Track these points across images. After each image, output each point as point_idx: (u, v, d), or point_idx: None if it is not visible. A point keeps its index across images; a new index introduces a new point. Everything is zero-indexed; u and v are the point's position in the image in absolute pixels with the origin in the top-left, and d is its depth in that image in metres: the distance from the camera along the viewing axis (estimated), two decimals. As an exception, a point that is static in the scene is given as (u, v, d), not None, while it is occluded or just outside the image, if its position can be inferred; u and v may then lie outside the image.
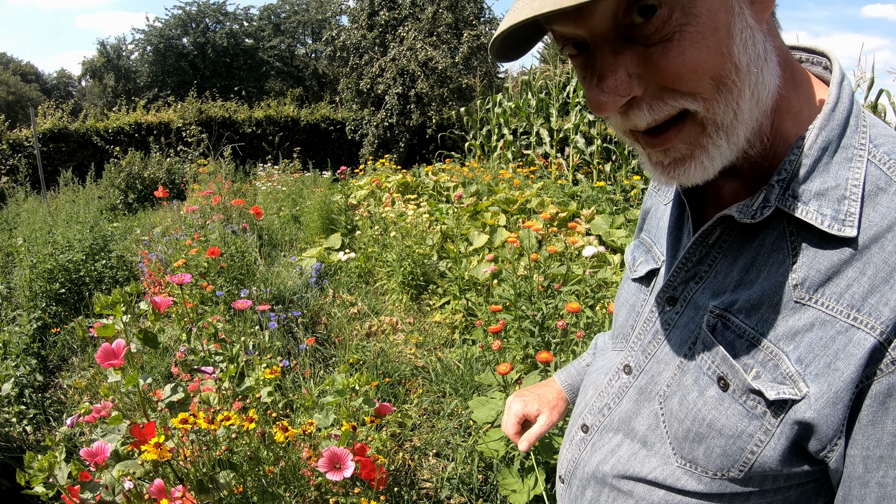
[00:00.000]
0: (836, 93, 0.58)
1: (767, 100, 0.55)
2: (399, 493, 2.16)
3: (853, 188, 0.56)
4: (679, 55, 0.49)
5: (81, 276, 4.51)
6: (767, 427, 0.57)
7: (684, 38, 0.49)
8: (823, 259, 0.56)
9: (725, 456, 0.60)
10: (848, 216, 0.55)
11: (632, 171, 7.75)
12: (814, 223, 0.56)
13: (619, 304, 0.82)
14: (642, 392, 0.70)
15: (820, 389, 0.54)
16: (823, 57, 0.64)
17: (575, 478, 0.77)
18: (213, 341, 1.95)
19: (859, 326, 0.53)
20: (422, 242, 4.49)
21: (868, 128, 0.59)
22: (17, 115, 27.88)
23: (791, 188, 0.57)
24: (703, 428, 0.61)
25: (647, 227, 0.82)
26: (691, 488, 0.64)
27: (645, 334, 0.72)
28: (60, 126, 11.48)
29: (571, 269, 3.14)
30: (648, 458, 0.68)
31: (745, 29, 0.51)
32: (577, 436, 0.78)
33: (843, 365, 0.54)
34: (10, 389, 2.87)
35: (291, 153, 11.31)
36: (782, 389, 0.56)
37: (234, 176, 8.86)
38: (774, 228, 0.59)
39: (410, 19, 12.49)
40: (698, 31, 0.49)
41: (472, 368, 2.95)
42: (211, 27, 25.45)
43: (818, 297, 0.56)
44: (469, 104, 12.18)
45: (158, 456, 1.20)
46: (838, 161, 0.57)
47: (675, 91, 0.51)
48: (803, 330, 0.56)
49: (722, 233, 0.63)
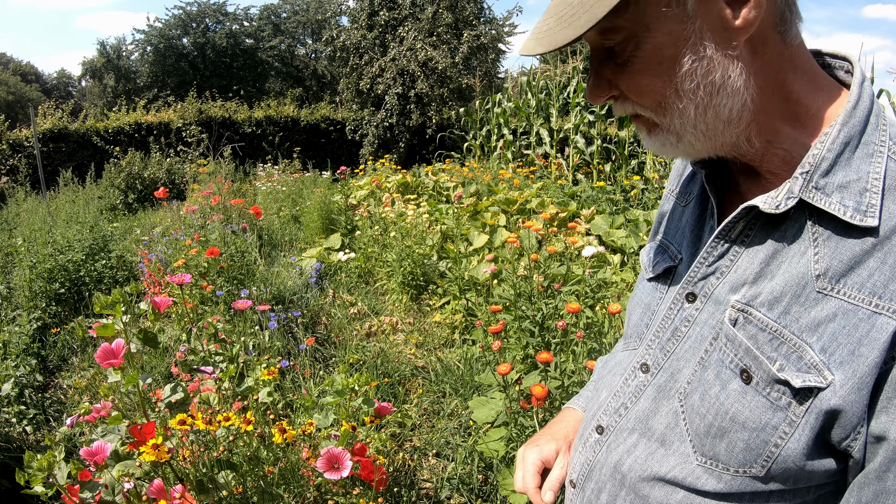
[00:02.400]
0: (858, 92, 0.61)
1: (735, 114, 0.61)
2: (399, 494, 2.16)
3: (874, 181, 0.58)
4: (629, 77, 0.62)
5: (81, 276, 4.51)
6: (792, 419, 0.58)
7: (634, 65, 0.61)
8: (845, 249, 0.57)
9: (748, 450, 0.60)
10: (870, 207, 0.57)
11: (632, 171, 7.75)
12: (836, 213, 0.58)
13: (632, 305, 0.82)
14: (661, 390, 0.70)
15: (845, 376, 0.55)
16: (846, 61, 0.67)
17: (590, 481, 0.75)
18: (213, 341, 1.95)
19: (882, 312, 0.55)
20: (422, 242, 4.49)
21: (889, 126, 0.61)
22: (17, 115, 27.87)
23: (814, 180, 0.60)
24: (726, 422, 0.62)
25: (665, 230, 0.82)
26: (710, 488, 0.64)
27: (663, 332, 0.71)
28: (60, 126, 11.47)
29: (571, 269, 3.14)
30: (667, 457, 0.67)
31: (698, 60, 0.59)
32: (592, 437, 0.77)
33: (866, 350, 0.55)
34: (10, 389, 2.87)
35: (291, 153, 11.31)
36: (808, 378, 0.57)
37: (233, 176, 8.86)
38: (796, 220, 0.61)
39: (410, 19, 12.49)
40: (644, 62, 0.60)
41: (472, 368, 2.95)
42: (211, 27, 25.45)
43: (840, 288, 0.57)
44: (469, 104, 12.17)
45: (157, 457, 1.20)
46: (860, 156, 0.59)
47: (632, 101, 0.64)
48: (826, 320, 0.57)
49: (745, 227, 0.65)
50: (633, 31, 0.59)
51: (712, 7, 0.57)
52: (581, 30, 0.56)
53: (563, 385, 2.12)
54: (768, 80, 0.61)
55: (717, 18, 0.57)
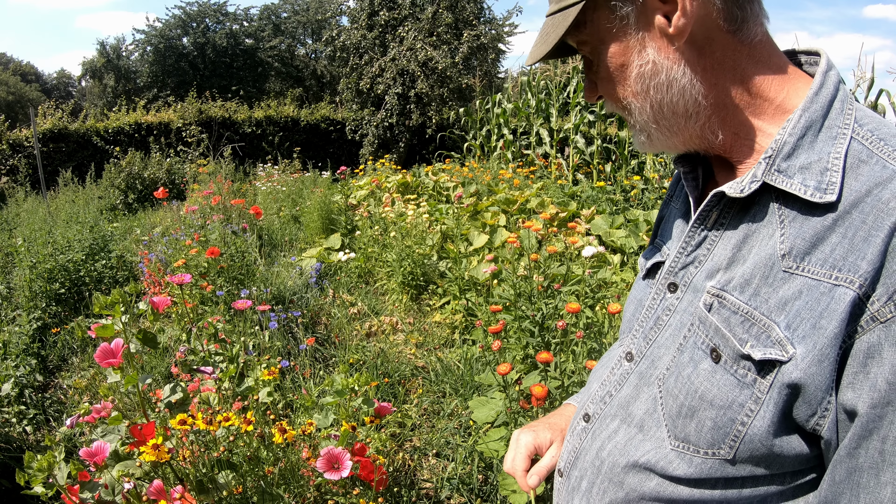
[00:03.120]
0: (820, 80, 0.64)
1: (691, 108, 0.66)
2: (399, 494, 2.16)
3: (835, 160, 0.60)
4: (601, 82, 0.72)
5: (81, 276, 4.51)
6: (757, 395, 0.59)
7: (601, 72, 0.71)
8: (808, 227, 0.59)
9: (716, 429, 0.62)
10: (829, 185, 0.59)
11: (632, 171, 7.74)
12: (798, 193, 0.60)
13: (627, 303, 0.84)
14: (642, 377, 0.72)
15: (806, 349, 0.57)
16: (818, 55, 0.70)
17: (575, 468, 0.77)
18: (212, 341, 1.95)
19: (840, 283, 0.56)
20: (422, 242, 4.49)
21: (854, 111, 0.63)
22: (17, 115, 27.87)
23: (776, 164, 0.62)
24: (696, 400, 0.63)
25: (661, 233, 0.85)
26: (682, 473, 0.65)
27: (647, 321, 0.74)
28: (60, 126, 11.47)
29: (571, 269, 3.14)
30: (643, 442, 0.69)
31: (644, 65, 0.66)
32: (579, 426, 0.79)
33: (825, 322, 0.56)
34: (10, 389, 2.87)
35: (291, 153, 11.31)
36: (769, 351, 0.58)
37: (233, 176, 8.86)
38: (764, 205, 0.63)
39: (410, 19, 12.49)
40: (605, 69, 0.70)
41: (472, 368, 2.95)
42: (211, 27, 25.45)
43: (805, 265, 0.59)
44: (469, 104, 12.17)
45: (157, 457, 1.20)
46: (823, 139, 0.62)
47: (610, 102, 0.74)
48: (792, 298, 0.59)
49: (719, 215, 0.68)
50: (594, 44, 0.70)
51: (651, 18, 0.65)
52: (550, 45, 0.69)
53: (563, 385, 2.12)
54: (723, 76, 0.66)
55: (656, 28, 0.65)
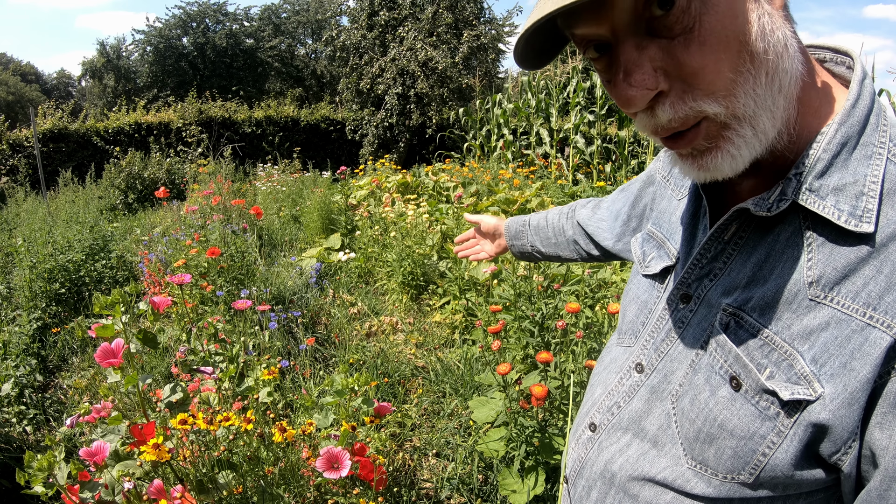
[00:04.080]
0: (857, 90, 0.58)
1: (791, 87, 0.54)
2: (399, 494, 2.16)
3: (871, 185, 0.54)
4: (700, 47, 0.49)
5: (81, 277, 4.51)
6: (780, 429, 0.56)
7: (704, 28, 0.49)
8: (840, 256, 0.55)
9: (736, 458, 0.59)
10: (865, 212, 0.54)
11: (632, 171, 7.74)
12: (830, 218, 0.55)
13: (627, 300, 0.80)
14: (654, 391, 0.69)
15: (835, 390, 0.53)
16: (847, 56, 0.63)
17: (581, 477, 0.75)
18: (213, 341, 1.95)
19: (875, 325, 0.52)
20: (422, 242, 4.49)
21: (889, 127, 0.57)
22: (17, 115, 27.88)
23: (809, 182, 0.56)
24: (715, 428, 0.60)
25: (658, 221, 0.80)
26: (700, 492, 0.62)
27: (658, 332, 0.70)
28: (60, 126, 11.47)
29: (571, 268, 3.14)
30: (658, 458, 0.66)
31: (764, 15, 0.50)
32: (585, 435, 0.77)
33: (858, 365, 0.52)
34: (10, 389, 2.87)
35: (291, 153, 11.31)
36: (797, 390, 0.54)
37: (233, 176, 8.85)
38: (790, 224, 0.58)
39: (410, 19, 12.49)
40: (717, 21, 0.49)
41: (472, 368, 2.95)
42: (211, 27, 25.45)
43: (834, 296, 0.54)
44: (469, 104, 12.18)
45: (157, 457, 1.20)
46: (857, 158, 0.56)
47: (696, 89, 0.51)
48: (818, 329, 0.55)
49: (738, 228, 0.63)
50: None
51: None
52: None
53: (562, 385, 2.12)
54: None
55: None
